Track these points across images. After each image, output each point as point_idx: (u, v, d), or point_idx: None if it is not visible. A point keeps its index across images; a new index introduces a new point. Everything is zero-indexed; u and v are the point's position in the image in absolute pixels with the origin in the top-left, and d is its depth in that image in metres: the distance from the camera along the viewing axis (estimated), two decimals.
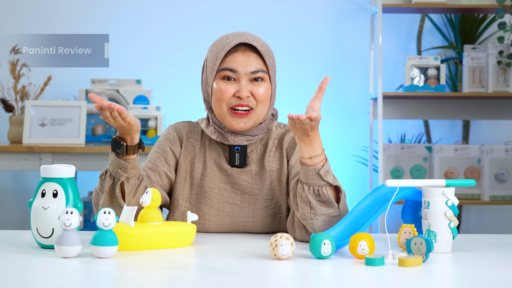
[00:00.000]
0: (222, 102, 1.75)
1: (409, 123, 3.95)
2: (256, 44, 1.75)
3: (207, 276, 1.31)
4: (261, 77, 1.76)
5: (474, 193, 3.55)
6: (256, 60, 1.75)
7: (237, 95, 1.74)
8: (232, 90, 1.74)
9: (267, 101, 1.78)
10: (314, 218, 1.63)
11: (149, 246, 1.54)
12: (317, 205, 1.63)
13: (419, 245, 1.42)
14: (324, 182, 1.62)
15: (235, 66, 1.74)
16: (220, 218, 1.80)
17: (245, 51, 1.75)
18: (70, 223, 1.41)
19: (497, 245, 1.65)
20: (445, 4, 3.46)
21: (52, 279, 1.30)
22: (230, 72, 1.74)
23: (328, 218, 1.64)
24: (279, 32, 3.81)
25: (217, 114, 1.78)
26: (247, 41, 1.74)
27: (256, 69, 1.75)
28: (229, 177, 1.81)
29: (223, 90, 1.75)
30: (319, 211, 1.63)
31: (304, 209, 1.64)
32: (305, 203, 1.64)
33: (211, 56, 1.78)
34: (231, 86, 1.75)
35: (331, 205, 1.64)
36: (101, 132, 3.42)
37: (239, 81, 1.75)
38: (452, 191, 1.53)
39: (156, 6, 3.82)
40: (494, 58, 3.50)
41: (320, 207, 1.63)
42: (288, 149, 1.84)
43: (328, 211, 1.64)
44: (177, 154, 1.84)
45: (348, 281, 1.33)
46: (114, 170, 1.67)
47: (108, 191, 1.69)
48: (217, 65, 1.75)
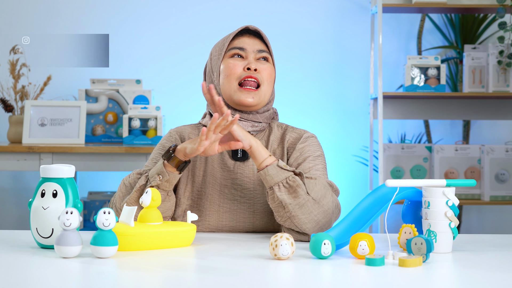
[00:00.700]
0: (232, 77, 1.83)
1: (409, 123, 3.94)
2: (259, 30, 1.87)
3: (207, 276, 1.31)
4: (266, 57, 1.86)
5: (475, 193, 3.55)
6: (260, 43, 1.87)
7: (246, 68, 1.83)
8: (241, 65, 1.84)
9: (271, 82, 1.87)
10: (293, 216, 1.66)
11: (149, 246, 1.54)
12: (290, 199, 1.66)
13: (420, 245, 1.42)
14: (289, 172, 1.68)
15: (243, 45, 1.85)
16: (221, 214, 1.81)
17: (250, 36, 1.88)
18: (69, 223, 1.41)
19: (498, 245, 1.64)
20: (445, 4, 3.45)
21: (52, 279, 1.29)
22: (238, 50, 1.85)
23: (307, 210, 1.66)
24: (279, 32, 3.81)
25: (226, 92, 1.84)
26: (252, 27, 1.87)
27: (262, 49, 1.86)
28: (231, 173, 1.83)
29: (232, 65, 1.84)
30: (292, 208, 1.66)
31: (279, 211, 1.68)
32: (278, 206, 1.67)
33: (217, 46, 1.88)
34: (240, 61, 1.85)
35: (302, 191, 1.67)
36: (101, 132, 3.42)
37: (247, 58, 1.85)
38: (452, 191, 1.53)
39: (156, 6, 3.81)
40: (495, 58, 3.49)
41: (294, 201, 1.66)
42: (289, 148, 1.85)
43: (299, 201, 1.66)
44: None
45: (348, 281, 1.33)
46: (152, 173, 1.73)
47: (137, 189, 1.73)
48: (225, 47, 1.85)
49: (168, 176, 1.70)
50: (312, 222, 1.66)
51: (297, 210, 1.66)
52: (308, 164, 1.78)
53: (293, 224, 1.67)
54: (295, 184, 1.67)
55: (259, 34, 1.88)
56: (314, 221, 1.66)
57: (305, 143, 1.83)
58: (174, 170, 1.71)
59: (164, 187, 1.72)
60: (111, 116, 3.44)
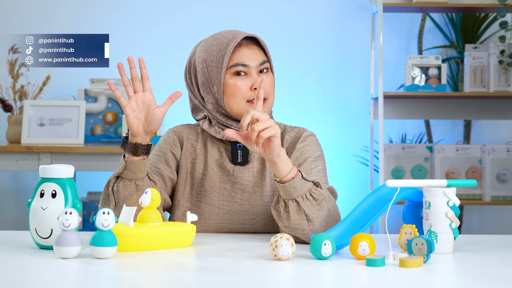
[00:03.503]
0: (239, 97, 1.77)
1: (410, 123, 3.94)
2: (258, 37, 1.81)
3: (207, 277, 1.31)
4: (267, 67, 1.81)
5: (476, 193, 3.55)
6: (259, 52, 1.80)
7: (253, 87, 1.77)
8: (247, 83, 1.77)
9: (273, 91, 1.82)
10: (316, 229, 1.63)
11: (148, 246, 1.53)
12: (315, 213, 1.62)
13: (420, 245, 1.41)
14: (310, 183, 1.61)
15: (245, 61, 1.78)
16: (221, 217, 1.80)
17: (248, 45, 1.80)
18: (69, 224, 1.40)
19: (499, 246, 1.64)
20: (446, 3, 3.45)
21: (51, 280, 1.29)
22: (241, 67, 1.77)
23: (323, 217, 1.64)
24: (280, 31, 3.81)
25: (234, 110, 1.79)
26: (251, 35, 1.79)
27: (262, 61, 1.80)
28: (230, 177, 1.81)
29: (238, 86, 1.77)
30: (317, 221, 1.62)
31: (302, 225, 1.62)
32: (301, 219, 1.61)
33: (210, 55, 1.79)
34: (244, 80, 1.77)
35: (325, 203, 1.63)
36: (100, 132, 3.41)
37: (250, 74, 1.78)
38: (453, 191, 1.52)
39: (156, 6, 3.81)
40: (496, 57, 3.49)
41: (319, 214, 1.62)
42: (288, 147, 1.84)
43: (321, 210, 1.63)
44: (178, 156, 1.84)
45: (349, 282, 1.32)
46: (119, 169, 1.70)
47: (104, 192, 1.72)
48: (226, 61, 1.77)
49: (125, 163, 1.66)
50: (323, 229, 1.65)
51: (322, 221, 1.63)
52: (309, 165, 1.77)
53: (306, 237, 1.64)
54: (321, 198, 1.62)
55: (256, 39, 1.82)
56: (325, 228, 1.65)
57: (305, 142, 1.82)
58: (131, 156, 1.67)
59: (127, 176, 1.67)
60: (110, 116, 3.43)
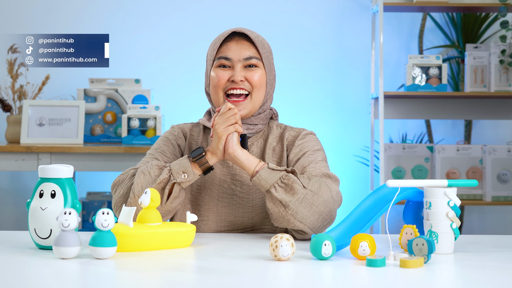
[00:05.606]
0: (218, 88, 1.84)
1: (410, 123, 3.93)
2: (248, 33, 1.84)
3: (207, 277, 1.31)
4: (255, 63, 1.84)
5: (476, 193, 3.54)
6: (249, 48, 1.84)
7: (231, 80, 1.82)
8: (226, 76, 1.83)
9: (263, 87, 1.85)
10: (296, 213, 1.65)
11: (148, 247, 1.53)
12: (289, 197, 1.65)
13: (421, 246, 1.41)
14: (281, 172, 1.68)
15: (229, 54, 1.83)
16: (220, 209, 1.83)
17: (239, 40, 1.85)
18: (68, 224, 1.40)
19: (499, 246, 1.64)
20: (447, 3, 3.44)
21: (50, 280, 1.29)
22: (224, 60, 1.84)
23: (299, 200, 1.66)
24: (280, 31, 3.80)
25: (215, 102, 1.86)
26: (239, 30, 1.84)
27: (249, 56, 1.83)
28: (230, 169, 1.85)
29: (218, 77, 1.84)
30: (293, 204, 1.65)
31: (280, 212, 1.66)
32: (278, 207, 1.66)
33: (209, 50, 1.88)
34: (226, 72, 1.84)
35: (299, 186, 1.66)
36: (99, 132, 3.41)
37: (234, 68, 1.83)
38: (454, 191, 1.52)
39: (155, 6, 3.81)
40: (497, 57, 3.48)
41: (293, 197, 1.65)
42: (288, 144, 1.88)
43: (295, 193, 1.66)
44: (182, 147, 1.90)
45: (349, 282, 1.32)
46: (176, 169, 1.71)
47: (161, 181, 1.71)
48: (214, 55, 1.84)
49: (193, 177, 1.72)
50: (315, 214, 1.66)
51: (298, 205, 1.65)
52: (308, 158, 1.81)
53: (295, 225, 1.66)
54: (290, 181, 1.67)
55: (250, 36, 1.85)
56: (317, 213, 1.66)
57: (304, 140, 1.86)
58: (199, 171, 1.73)
59: (184, 185, 1.73)
60: (110, 116, 3.43)
